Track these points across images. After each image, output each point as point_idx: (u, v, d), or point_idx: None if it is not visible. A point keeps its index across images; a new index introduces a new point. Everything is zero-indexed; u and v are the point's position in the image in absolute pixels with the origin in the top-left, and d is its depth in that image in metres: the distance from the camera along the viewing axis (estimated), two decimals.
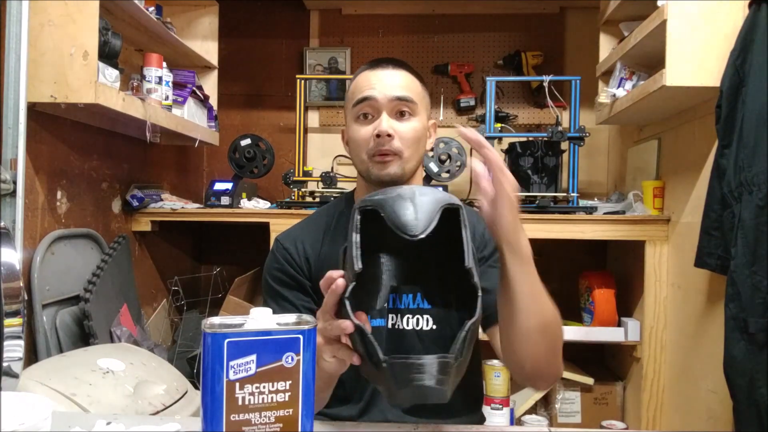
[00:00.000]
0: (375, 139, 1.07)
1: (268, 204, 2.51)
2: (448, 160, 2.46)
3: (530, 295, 0.92)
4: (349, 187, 2.38)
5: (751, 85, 1.44)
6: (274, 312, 1.09)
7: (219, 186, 2.46)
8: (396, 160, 1.08)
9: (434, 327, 1.03)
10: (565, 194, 2.29)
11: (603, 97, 2.20)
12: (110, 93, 1.76)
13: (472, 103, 2.91)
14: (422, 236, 0.75)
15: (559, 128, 2.27)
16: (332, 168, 2.56)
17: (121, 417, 0.86)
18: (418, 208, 0.76)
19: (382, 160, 1.08)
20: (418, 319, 0.88)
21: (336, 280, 0.78)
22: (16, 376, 0.88)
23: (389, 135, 1.07)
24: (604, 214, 2.22)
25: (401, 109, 1.09)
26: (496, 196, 0.86)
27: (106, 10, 1.86)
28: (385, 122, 1.07)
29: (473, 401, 1.19)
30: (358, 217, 0.79)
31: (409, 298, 1.08)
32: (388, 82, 1.09)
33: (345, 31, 3.02)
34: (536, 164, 2.33)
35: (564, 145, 2.35)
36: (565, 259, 2.70)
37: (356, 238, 0.77)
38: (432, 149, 1.55)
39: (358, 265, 0.75)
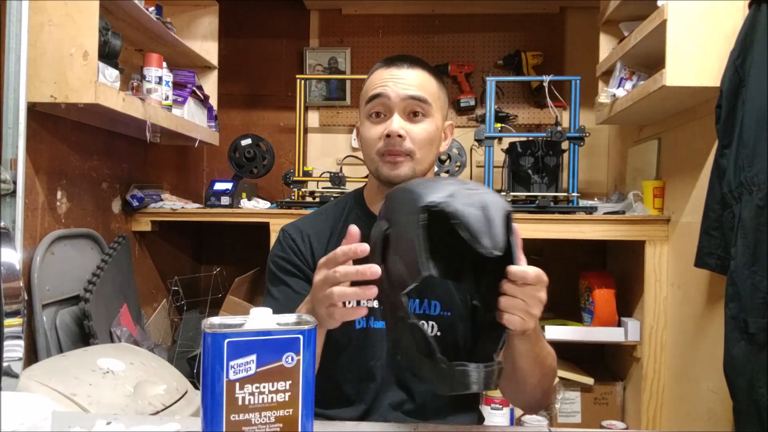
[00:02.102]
0: (385, 138, 1.05)
1: (268, 204, 2.51)
2: (448, 160, 2.46)
3: (532, 362, 0.97)
4: (353, 187, 2.38)
5: (751, 85, 1.44)
6: (275, 298, 1.10)
7: (219, 186, 2.46)
8: (407, 161, 1.06)
9: (438, 334, 1.04)
10: (566, 194, 2.29)
11: (603, 97, 2.20)
12: (110, 93, 1.76)
13: (472, 103, 2.91)
14: (500, 254, 0.75)
15: (558, 128, 2.27)
16: (340, 168, 2.57)
17: (121, 417, 0.86)
18: (491, 221, 0.76)
19: (392, 161, 1.06)
20: (423, 325, 0.88)
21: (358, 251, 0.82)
22: (16, 376, 0.88)
23: (400, 136, 1.05)
24: (604, 214, 2.21)
25: (414, 109, 1.07)
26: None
27: (106, 10, 1.86)
28: (396, 122, 1.05)
29: (470, 399, 1.19)
30: (424, 215, 0.78)
31: (415, 304, 1.08)
32: (402, 81, 1.06)
33: (345, 31, 3.02)
34: (537, 164, 2.32)
35: (565, 145, 2.35)
36: (565, 259, 2.70)
37: (421, 234, 0.77)
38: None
39: (426, 271, 0.76)
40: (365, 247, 0.82)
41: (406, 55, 1.12)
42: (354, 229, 0.85)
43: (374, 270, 0.80)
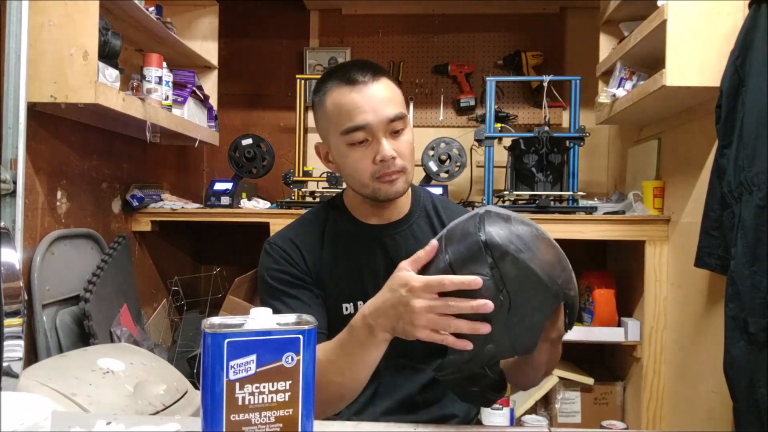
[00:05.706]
0: (380, 163, 1.06)
1: (268, 204, 2.51)
2: (448, 160, 2.46)
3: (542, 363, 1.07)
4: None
5: (751, 85, 1.44)
6: (282, 311, 1.10)
7: (219, 186, 2.46)
8: (401, 177, 1.08)
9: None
10: (571, 193, 2.27)
11: (603, 97, 2.20)
12: (110, 93, 1.76)
13: (472, 103, 2.90)
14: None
15: (545, 128, 2.25)
16: None
17: (121, 417, 0.86)
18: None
19: (389, 180, 1.07)
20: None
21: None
22: (16, 376, 0.88)
23: (393, 158, 1.06)
24: (604, 214, 2.21)
25: (397, 128, 1.07)
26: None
27: (106, 10, 1.86)
28: (387, 147, 1.05)
29: None
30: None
31: None
32: (378, 102, 1.06)
33: (345, 31, 3.02)
34: (541, 162, 2.28)
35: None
36: None
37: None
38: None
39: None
40: (479, 282, 0.82)
41: (360, 62, 1.11)
42: (434, 243, 0.87)
43: (488, 306, 0.81)
